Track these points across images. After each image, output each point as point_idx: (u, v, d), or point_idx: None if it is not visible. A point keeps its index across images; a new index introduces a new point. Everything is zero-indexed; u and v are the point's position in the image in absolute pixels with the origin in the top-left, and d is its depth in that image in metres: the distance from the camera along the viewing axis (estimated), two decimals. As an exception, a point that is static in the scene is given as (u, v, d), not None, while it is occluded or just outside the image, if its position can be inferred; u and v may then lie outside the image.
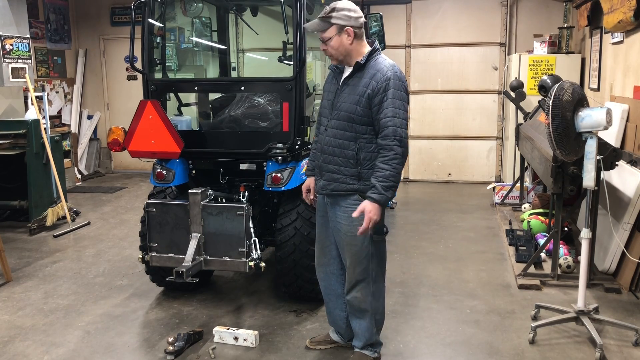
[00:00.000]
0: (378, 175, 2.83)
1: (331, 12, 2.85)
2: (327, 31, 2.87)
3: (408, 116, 2.88)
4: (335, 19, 2.84)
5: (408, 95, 2.93)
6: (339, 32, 2.86)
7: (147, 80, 4.09)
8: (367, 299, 3.12)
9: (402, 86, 2.85)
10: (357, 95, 2.88)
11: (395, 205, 7.09)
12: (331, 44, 2.89)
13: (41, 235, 6.04)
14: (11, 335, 3.73)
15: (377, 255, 3.11)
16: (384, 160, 2.83)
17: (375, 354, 3.28)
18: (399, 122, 2.80)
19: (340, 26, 2.85)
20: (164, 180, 3.99)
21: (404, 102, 2.85)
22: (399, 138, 2.80)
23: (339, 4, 2.88)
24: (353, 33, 2.86)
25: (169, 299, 4.27)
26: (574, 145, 3.38)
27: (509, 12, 8.20)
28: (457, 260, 5.09)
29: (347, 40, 2.87)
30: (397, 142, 2.80)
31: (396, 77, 2.84)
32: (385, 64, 2.89)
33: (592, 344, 3.43)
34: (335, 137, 2.97)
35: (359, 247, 3.03)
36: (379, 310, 3.23)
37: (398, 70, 2.90)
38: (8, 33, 6.63)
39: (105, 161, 9.92)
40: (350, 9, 2.86)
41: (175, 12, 4.98)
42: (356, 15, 2.87)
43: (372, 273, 3.10)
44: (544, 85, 5.86)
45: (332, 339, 3.49)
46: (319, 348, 3.47)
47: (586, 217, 3.57)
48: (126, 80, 9.65)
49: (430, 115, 8.71)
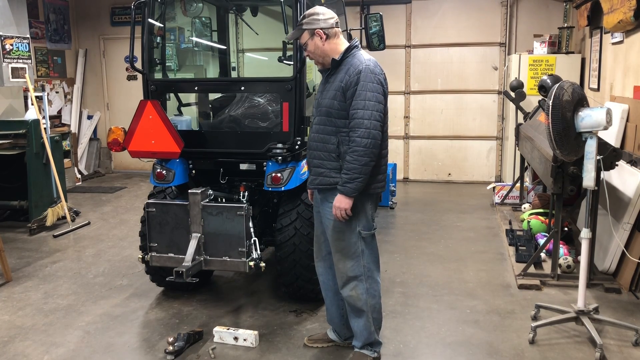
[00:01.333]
0: (344, 168, 2.94)
1: (303, 19, 3.02)
2: (301, 37, 3.03)
3: (382, 107, 2.91)
4: (305, 25, 3.00)
5: (383, 87, 2.97)
6: (312, 36, 3.00)
7: (147, 80, 4.09)
8: (362, 297, 3.14)
9: (374, 78, 2.91)
10: (334, 90, 2.99)
11: (395, 205, 7.10)
12: (308, 48, 3.04)
13: (41, 235, 6.04)
14: (11, 335, 3.74)
15: (368, 252, 3.14)
16: (349, 152, 2.91)
17: (374, 353, 3.28)
18: (367, 114, 2.86)
19: (311, 30, 2.99)
20: (164, 180, 3.99)
21: (375, 94, 2.90)
22: (364, 130, 2.85)
23: (309, 11, 3.03)
24: (324, 34, 2.98)
25: (169, 299, 4.27)
26: (574, 145, 3.38)
27: (509, 12, 8.20)
28: (457, 260, 5.09)
29: (320, 42, 2.99)
30: (361, 133, 2.86)
31: (368, 70, 2.90)
32: (360, 59, 2.97)
33: (592, 344, 3.43)
34: (318, 132, 3.07)
35: (347, 242, 3.08)
36: (376, 308, 3.23)
37: (372, 63, 2.96)
38: (8, 33, 6.63)
39: (105, 161, 9.92)
40: (319, 12, 3.00)
41: (175, 12, 4.98)
42: (325, 17, 2.99)
43: (364, 270, 3.13)
44: (544, 85, 5.86)
45: (330, 337, 3.51)
46: (316, 346, 3.49)
47: (586, 217, 3.57)
48: (126, 80, 9.65)
49: (430, 115, 8.71)
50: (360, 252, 3.10)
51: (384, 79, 3.00)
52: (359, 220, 3.07)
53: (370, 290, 3.16)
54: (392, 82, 8.64)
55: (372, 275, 3.17)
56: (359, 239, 3.08)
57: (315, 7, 3.03)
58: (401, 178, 8.83)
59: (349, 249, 3.09)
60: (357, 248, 3.09)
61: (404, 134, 8.83)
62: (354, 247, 3.09)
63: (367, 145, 2.86)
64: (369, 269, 3.15)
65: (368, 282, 3.15)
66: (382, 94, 2.95)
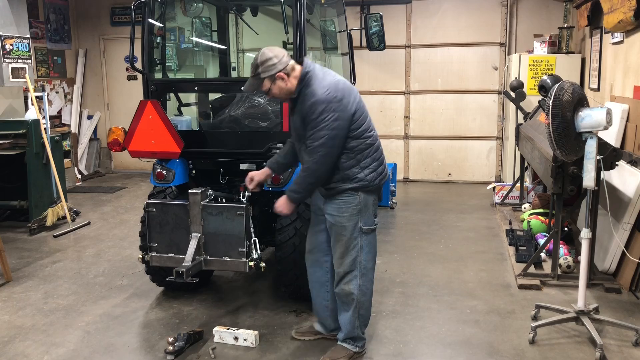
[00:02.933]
0: (295, 178, 3.14)
1: (257, 69, 3.00)
2: (263, 86, 3.04)
3: (333, 132, 2.96)
4: (263, 73, 2.99)
5: (338, 112, 2.96)
6: (273, 81, 3.01)
7: (147, 80, 4.09)
8: (353, 292, 3.21)
9: (327, 107, 2.94)
10: (299, 119, 3.08)
11: (395, 205, 7.10)
12: (273, 93, 3.06)
13: (41, 235, 6.04)
14: (11, 335, 3.73)
15: (367, 249, 3.21)
16: (303, 169, 3.09)
17: (356, 347, 3.34)
18: (319, 142, 2.96)
19: (271, 76, 2.99)
20: (164, 180, 3.99)
21: (329, 122, 2.94)
22: (316, 156, 2.98)
23: (259, 58, 3.00)
24: (285, 74, 3.01)
25: (169, 299, 4.27)
26: (574, 145, 3.38)
27: (509, 12, 8.19)
28: (457, 260, 5.09)
29: (283, 83, 3.02)
30: (313, 159, 2.99)
31: (317, 103, 2.93)
32: (312, 89, 2.98)
33: (592, 344, 3.43)
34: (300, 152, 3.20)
35: (348, 237, 3.15)
36: (365, 305, 3.29)
37: (324, 89, 2.97)
38: (8, 33, 6.63)
39: (105, 161, 9.92)
40: (271, 56, 2.99)
41: (175, 12, 4.98)
42: (278, 60, 2.99)
43: (360, 266, 3.19)
44: (544, 85, 5.85)
45: (316, 329, 3.59)
46: (303, 339, 3.58)
47: (586, 217, 3.57)
48: (126, 80, 9.65)
49: (430, 115, 8.71)
50: (360, 248, 3.18)
51: (341, 97, 2.98)
52: (360, 216, 3.13)
53: (362, 287, 3.23)
54: (392, 82, 8.70)
55: (366, 273, 3.24)
56: (360, 234, 3.16)
57: (264, 52, 3.01)
58: (401, 178, 8.83)
59: (349, 245, 3.16)
60: (357, 244, 3.16)
61: (404, 134, 8.83)
62: (354, 243, 3.16)
63: (316, 171, 3.02)
64: (365, 266, 3.21)
65: (362, 279, 3.22)
66: (342, 118, 2.97)
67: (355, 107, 3.05)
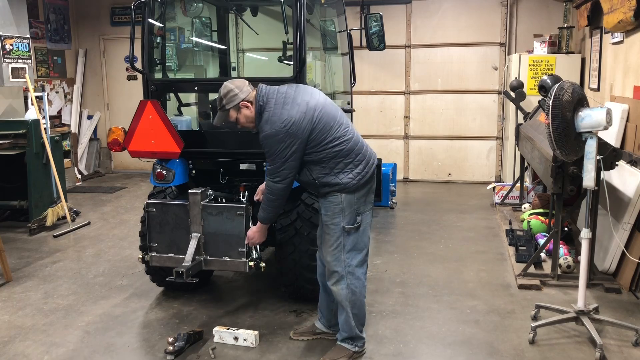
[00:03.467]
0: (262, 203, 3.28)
1: (221, 101, 3.14)
2: (230, 116, 3.17)
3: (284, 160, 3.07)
4: (228, 105, 3.13)
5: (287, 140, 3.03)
6: (239, 111, 3.14)
7: (147, 80, 4.09)
8: (342, 292, 3.23)
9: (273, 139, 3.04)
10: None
11: (395, 205, 7.10)
12: (241, 122, 3.18)
13: (41, 235, 6.04)
14: (11, 335, 3.74)
15: (350, 247, 3.21)
16: (266, 191, 3.21)
17: (355, 347, 3.35)
18: (271, 168, 3.11)
19: (235, 106, 3.12)
20: (164, 180, 3.99)
21: (277, 153, 3.05)
22: (274, 179, 3.12)
23: (222, 90, 3.14)
24: (248, 102, 3.13)
25: (169, 299, 4.27)
26: (574, 145, 3.38)
27: (509, 12, 8.19)
28: (457, 260, 5.09)
29: (248, 111, 3.14)
30: (271, 180, 3.13)
31: (264, 138, 3.07)
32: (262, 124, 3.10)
33: (592, 344, 3.43)
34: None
35: (331, 235, 3.21)
36: (356, 304, 3.29)
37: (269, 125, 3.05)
38: (8, 33, 6.63)
39: (105, 161, 9.92)
40: (232, 88, 3.12)
41: (175, 12, 4.98)
42: (240, 90, 3.12)
43: (345, 266, 3.21)
44: (544, 85, 5.85)
45: (316, 327, 3.61)
46: (301, 339, 3.59)
47: (586, 217, 3.57)
48: (126, 80, 9.65)
49: (430, 115, 8.70)
50: (342, 247, 3.20)
51: (290, 126, 3.02)
52: (343, 216, 3.16)
53: (350, 286, 3.23)
54: (392, 82, 8.71)
55: (353, 272, 3.24)
56: (342, 234, 3.19)
57: (225, 85, 3.14)
58: (401, 178, 8.83)
59: (333, 244, 3.20)
60: (340, 243, 3.20)
61: (404, 134, 8.83)
62: (337, 242, 3.19)
63: (278, 190, 3.14)
64: (349, 264, 3.22)
65: (349, 278, 3.23)
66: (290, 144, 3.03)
67: (311, 127, 3.06)
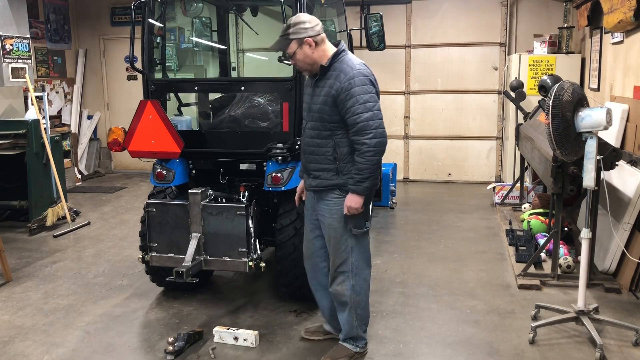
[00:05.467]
0: (355, 169, 2.98)
1: (288, 28, 3.00)
2: (289, 47, 3.02)
3: (379, 106, 3.00)
4: (293, 34, 2.98)
5: (375, 88, 3.02)
6: (300, 45, 3.00)
7: (147, 80, 4.09)
8: (346, 293, 3.22)
9: (366, 80, 2.96)
10: (324, 96, 3.02)
11: (395, 205, 7.09)
12: (297, 58, 3.04)
13: (41, 235, 6.04)
14: (11, 335, 3.74)
15: (358, 249, 3.21)
16: (358, 154, 2.96)
17: (356, 347, 3.35)
18: (367, 115, 2.91)
19: (299, 39, 2.98)
20: (164, 180, 3.99)
21: (371, 94, 2.96)
22: (370, 131, 2.91)
23: (293, 19, 3.02)
24: (313, 42, 2.99)
25: (169, 299, 4.27)
26: (574, 145, 3.38)
27: (509, 12, 8.19)
28: (457, 260, 5.09)
29: (310, 50, 3.00)
30: (367, 135, 2.91)
31: (359, 74, 2.95)
32: (348, 64, 3.00)
33: (592, 344, 3.43)
34: (312, 137, 3.12)
35: (338, 239, 3.16)
36: (361, 305, 3.28)
37: (362, 67, 3.01)
38: (8, 33, 6.63)
39: (105, 161, 9.92)
40: (305, 20, 3.00)
41: (175, 12, 4.98)
42: (312, 25, 3.00)
43: (352, 267, 3.20)
44: (544, 85, 5.86)
45: (326, 329, 3.59)
46: (312, 338, 3.58)
47: (586, 217, 3.57)
48: (126, 80, 9.65)
49: (430, 115, 8.71)
50: (350, 250, 3.18)
51: (375, 79, 3.05)
52: (350, 219, 3.13)
53: (355, 287, 3.23)
54: (392, 82, 8.70)
55: (359, 273, 3.23)
56: (350, 236, 3.16)
57: (299, 16, 3.03)
58: (401, 178, 8.83)
59: (339, 246, 3.18)
60: (347, 245, 3.17)
61: (404, 134, 8.83)
62: (344, 245, 3.17)
63: (376, 145, 2.92)
64: (357, 266, 3.22)
65: (354, 279, 3.22)
66: (376, 93, 3.01)
67: (378, 97, 3.05)
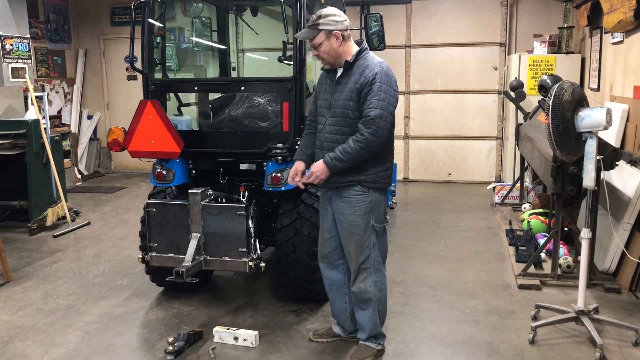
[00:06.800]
0: (342, 147, 2.99)
1: (318, 19, 3.02)
2: (317, 37, 3.03)
3: (394, 109, 3.01)
4: (322, 25, 3.00)
5: (396, 91, 3.05)
6: (328, 37, 3.01)
7: (147, 80, 4.09)
8: (370, 289, 3.22)
9: (389, 80, 3.00)
10: (348, 91, 3.03)
11: (395, 205, 7.09)
12: (322, 49, 3.04)
13: (41, 235, 6.04)
14: (11, 335, 3.73)
15: (379, 245, 3.23)
16: (354, 140, 2.97)
17: (379, 345, 3.35)
18: (379, 113, 2.93)
19: (328, 31, 3.00)
20: (164, 180, 3.99)
21: (389, 96, 2.98)
22: (373, 127, 2.92)
23: (325, 11, 3.04)
24: (341, 36, 3.02)
25: (169, 299, 4.27)
26: (574, 145, 3.38)
27: (509, 12, 8.20)
28: (457, 260, 5.09)
29: (336, 44, 3.02)
30: (369, 130, 2.92)
31: (383, 72, 2.99)
32: (373, 61, 3.04)
33: (592, 344, 3.43)
34: (333, 133, 3.10)
35: (361, 235, 3.15)
36: (382, 301, 3.31)
37: (386, 66, 3.04)
38: (8, 33, 6.63)
39: (105, 161, 9.92)
40: (336, 14, 3.03)
41: (175, 12, 4.98)
42: (342, 19, 3.04)
43: (374, 263, 3.21)
44: (544, 85, 5.86)
45: (335, 332, 3.56)
46: (321, 341, 3.55)
47: (586, 217, 3.57)
48: (126, 80, 9.65)
49: (430, 115, 8.71)
50: (372, 246, 3.19)
51: (395, 80, 3.08)
52: (372, 214, 3.14)
53: (377, 283, 3.24)
54: (392, 82, 8.69)
55: (380, 269, 3.26)
56: (372, 232, 3.17)
57: (330, 8, 3.06)
58: (401, 178, 8.83)
59: (363, 243, 3.16)
60: (370, 241, 3.18)
61: (404, 134, 8.83)
62: (367, 241, 3.17)
63: (372, 142, 2.95)
64: (378, 262, 3.24)
65: (376, 275, 3.23)
66: (395, 97, 3.03)
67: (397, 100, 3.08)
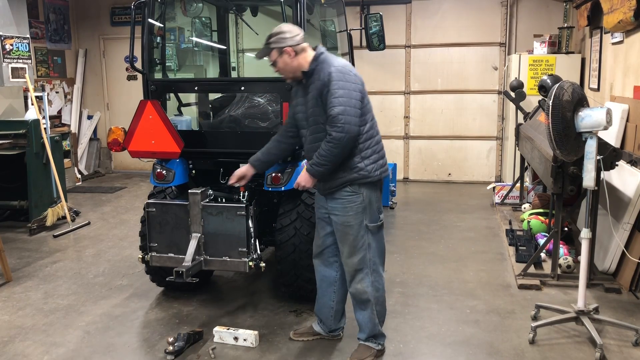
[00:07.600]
0: (317, 152, 3.06)
1: (269, 38, 3.11)
2: (271, 55, 3.14)
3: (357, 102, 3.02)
4: (274, 44, 3.10)
5: (357, 84, 3.06)
6: (280, 54, 3.10)
7: (147, 80, 4.09)
8: (367, 290, 3.23)
9: (344, 76, 3.02)
10: (313, 99, 3.09)
11: (395, 205, 7.09)
12: (279, 66, 3.15)
13: (41, 235, 6.04)
14: (11, 335, 3.74)
15: (375, 245, 3.23)
16: (325, 140, 3.02)
17: (378, 345, 3.36)
18: (341, 109, 2.95)
19: (279, 48, 3.09)
20: (164, 180, 3.99)
21: (348, 90, 3.00)
22: (338, 125, 2.96)
23: (275, 29, 3.12)
24: (293, 52, 3.09)
25: (169, 299, 4.27)
26: (574, 145, 3.38)
27: (509, 12, 8.20)
28: (457, 260, 5.09)
29: (289, 59, 3.10)
30: (335, 128, 2.96)
31: (336, 70, 3.03)
32: (327, 62, 3.09)
33: (592, 344, 3.43)
34: (313, 142, 3.16)
35: (355, 236, 3.16)
36: (380, 301, 3.32)
37: (341, 65, 3.07)
38: (8, 33, 6.63)
39: (105, 161, 9.92)
40: (285, 31, 3.10)
41: (175, 12, 4.98)
42: (292, 35, 3.10)
43: (370, 263, 3.22)
44: (544, 85, 5.85)
45: (315, 330, 3.59)
46: (301, 339, 3.59)
47: (586, 217, 3.57)
48: (126, 80, 9.65)
49: (430, 115, 8.71)
50: (367, 246, 3.20)
51: (355, 74, 3.08)
52: (365, 214, 3.15)
53: (375, 283, 3.25)
54: (392, 82, 8.70)
55: (377, 269, 3.26)
56: (366, 232, 3.18)
57: (281, 26, 3.14)
58: (401, 178, 8.83)
59: (356, 243, 3.17)
60: (364, 242, 3.18)
61: (404, 134, 8.83)
62: (361, 241, 3.17)
63: (340, 140, 2.97)
64: (374, 262, 3.24)
65: (373, 276, 3.24)
66: (356, 90, 3.03)
67: (364, 89, 3.10)
